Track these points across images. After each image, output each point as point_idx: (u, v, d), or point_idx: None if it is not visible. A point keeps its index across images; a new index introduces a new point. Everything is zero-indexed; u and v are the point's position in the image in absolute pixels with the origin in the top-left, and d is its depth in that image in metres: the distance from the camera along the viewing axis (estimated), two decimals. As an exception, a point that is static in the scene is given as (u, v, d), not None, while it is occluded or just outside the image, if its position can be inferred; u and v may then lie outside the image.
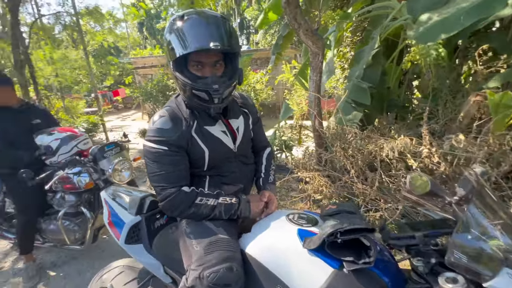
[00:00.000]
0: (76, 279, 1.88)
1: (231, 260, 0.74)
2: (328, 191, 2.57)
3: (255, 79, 6.47)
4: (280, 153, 3.84)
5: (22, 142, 1.80)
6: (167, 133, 0.86)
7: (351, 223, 0.66)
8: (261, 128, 1.23)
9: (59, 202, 1.90)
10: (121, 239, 1.00)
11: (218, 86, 0.83)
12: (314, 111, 2.90)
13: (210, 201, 0.89)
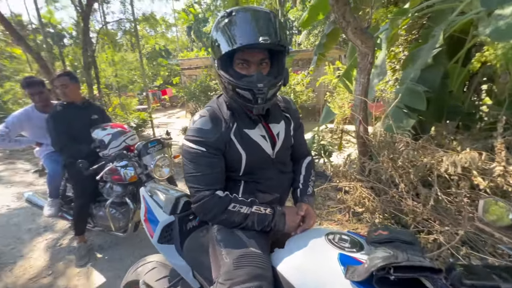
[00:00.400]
0: (117, 264, 2.02)
1: (261, 279, 0.68)
2: (371, 205, 2.34)
3: (295, 81, 6.33)
4: (318, 159, 3.66)
5: (82, 135, 2.00)
6: (206, 134, 0.84)
7: (409, 257, 0.54)
8: (302, 135, 1.14)
9: (108, 191, 2.07)
10: (155, 237, 1.01)
11: (263, 85, 0.79)
12: (359, 116, 2.68)
13: (243, 209, 0.84)
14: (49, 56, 6.20)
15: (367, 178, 2.51)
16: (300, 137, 1.11)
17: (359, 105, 2.69)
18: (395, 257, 0.55)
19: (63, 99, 2.04)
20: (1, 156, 5.43)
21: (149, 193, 1.17)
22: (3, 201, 3.27)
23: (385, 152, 2.34)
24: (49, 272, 2.01)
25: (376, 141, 2.59)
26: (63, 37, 10.26)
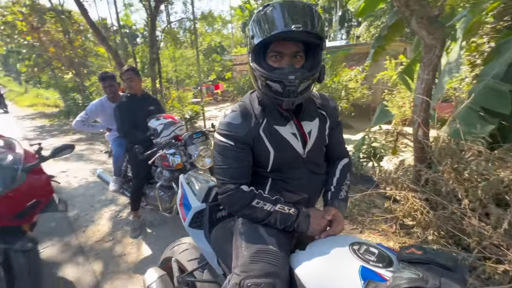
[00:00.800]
0: (162, 241, 2.26)
1: (275, 276, 0.67)
2: (424, 219, 2.07)
3: (348, 77, 5.90)
4: (367, 162, 3.37)
5: (140, 124, 2.27)
6: (235, 128, 0.86)
7: (442, 285, 0.46)
8: (341, 135, 1.07)
9: (158, 175, 2.31)
10: (186, 221, 1.09)
11: (294, 78, 0.76)
12: (419, 118, 2.37)
13: (267, 206, 0.84)
14: (124, 54, 7.17)
15: (422, 189, 2.21)
16: (338, 137, 1.05)
17: (420, 105, 2.38)
18: (424, 281, 0.47)
19: (128, 91, 2.34)
20: (84, 137, 6.58)
21: (186, 180, 1.27)
22: (83, 175, 3.97)
23: (447, 161, 2.02)
24: (110, 238, 2.36)
25: (438, 147, 2.25)
26: (136, 37, 11.73)
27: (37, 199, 1.55)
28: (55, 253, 2.19)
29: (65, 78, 10.60)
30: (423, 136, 2.37)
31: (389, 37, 3.43)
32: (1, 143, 1.77)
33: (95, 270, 1.97)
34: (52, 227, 2.55)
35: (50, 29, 9.03)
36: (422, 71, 2.31)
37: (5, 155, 1.59)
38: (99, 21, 9.31)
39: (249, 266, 0.71)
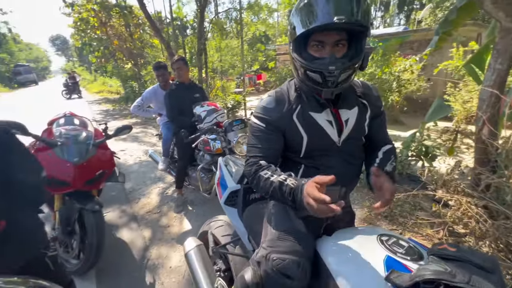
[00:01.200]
0: (201, 218, 2.46)
1: (299, 255, 0.71)
2: (480, 228, 1.85)
3: (402, 67, 5.34)
4: (416, 161, 3.09)
5: (186, 110, 2.46)
6: (268, 112, 0.89)
7: (474, 282, 0.44)
8: (384, 125, 1.02)
9: (200, 158, 2.50)
10: (222, 199, 1.19)
11: (334, 68, 0.75)
12: (485, 114, 2.07)
13: (273, 177, 0.80)
14: (175, 45, 7.68)
15: (482, 195, 1.96)
16: (381, 127, 1.00)
17: (487, 99, 2.08)
18: (452, 276, 0.45)
19: (177, 79, 2.54)
20: (139, 121, 7.35)
21: (224, 163, 1.36)
22: (138, 154, 4.49)
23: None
24: (158, 211, 2.67)
25: (506, 148, 1.96)
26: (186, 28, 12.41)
27: (103, 169, 1.84)
28: (114, 217, 2.57)
29: (125, 68, 11.87)
30: (489, 135, 2.08)
31: (457, 21, 2.98)
32: (77, 122, 2.12)
33: (145, 236, 2.27)
34: (112, 196, 2.98)
35: (115, 23, 10.13)
36: (495, 60, 2.00)
37: (80, 131, 1.91)
38: (155, 15, 10.08)
39: (276, 242, 0.76)
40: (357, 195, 2.86)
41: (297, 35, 0.77)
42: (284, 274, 0.69)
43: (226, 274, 1.23)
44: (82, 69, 31.97)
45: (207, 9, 7.63)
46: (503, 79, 1.99)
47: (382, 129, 1.01)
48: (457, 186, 2.16)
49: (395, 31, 9.05)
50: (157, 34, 6.36)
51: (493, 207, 1.84)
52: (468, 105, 5.11)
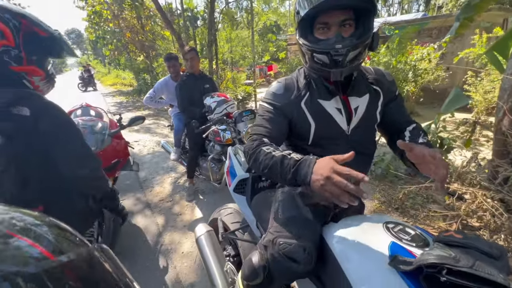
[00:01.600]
0: (211, 206, 2.53)
1: (305, 240, 0.72)
2: (495, 221, 1.80)
3: (419, 55, 5.11)
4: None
5: (197, 100, 2.49)
6: (277, 98, 0.90)
7: (475, 265, 0.44)
8: (403, 107, 0.98)
9: (210, 148, 2.54)
10: (231, 187, 1.22)
11: (341, 46, 0.74)
12: (506, 104, 1.99)
13: (275, 152, 0.75)
14: (186, 37, 7.69)
15: (499, 188, 1.90)
16: (399, 109, 0.96)
17: (509, 88, 1.98)
18: (456, 260, 0.46)
19: (189, 70, 2.56)
20: (152, 113, 7.50)
21: (233, 152, 1.39)
22: (151, 145, 4.61)
23: (539, 157, 1.69)
24: (170, 199, 2.76)
25: (527, 140, 1.88)
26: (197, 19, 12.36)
27: (118, 158, 1.92)
28: (129, 204, 2.68)
29: (138, 60, 12.04)
30: (509, 126, 1.99)
31: (481, 5, 2.80)
32: (93, 113, 2.20)
33: (158, 223, 2.36)
34: (127, 185, 3.10)
35: (127, 16, 10.24)
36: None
37: (96, 122, 1.99)
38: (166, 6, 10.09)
39: (283, 227, 0.78)
40: (367, 187, 2.83)
41: (302, 17, 0.76)
42: (290, 257, 0.71)
43: (235, 259, 1.27)
44: (97, 62, 32.70)
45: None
46: (528, 66, 1.88)
47: (402, 111, 0.97)
48: (472, 178, 2.10)
49: (413, 18, 8.63)
50: (168, 26, 6.38)
51: (511, 200, 1.78)
52: (489, 95, 4.86)
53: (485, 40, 4.96)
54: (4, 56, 0.88)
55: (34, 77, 0.98)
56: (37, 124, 0.93)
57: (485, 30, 5.42)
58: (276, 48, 11.08)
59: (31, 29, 0.94)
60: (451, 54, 6.69)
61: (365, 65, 0.99)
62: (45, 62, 1.05)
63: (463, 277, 0.44)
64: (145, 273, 1.80)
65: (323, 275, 0.72)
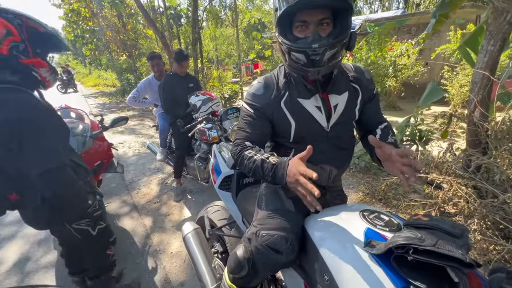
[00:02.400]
0: (199, 205, 2.52)
1: (287, 231, 0.75)
2: (469, 207, 1.91)
3: (399, 51, 5.29)
4: (410, 146, 3.13)
5: (181, 100, 2.47)
6: (257, 99, 0.91)
7: (438, 243, 0.48)
8: (378, 107, 1.03)
9: (197, 147, 2.53)
10: (217, 184, 1.23)
11: (318, 46, 0.75)
12: (476, 97, 2.10)
13: (256, 156, 0.83)
14: (169, 35, 7.54)
15: (472, 176, 2.02)
16: (375, 109, 1.01)
17: (479, 81, 2.09)
18: (421, 240, 0.50)
19: (178, 72, 2.50)
20: (136, 114, 7.33)
21: (218, 149, 1.40)
22: (136, 146, 4.51)
23: (506, 146, 1.81)
24: (158, 200, 2.72)
25: (496, 130, 2.00)
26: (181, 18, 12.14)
27: (101, 160, 1.88)
28: (116, 208, 2.63)
29: (120, 60, 11.69)
30: (480, 118, 2.11)
31: (455, 2, 2.94)
32: (74, 115, 2.13)
33: (146, 224, 2.33)
34: (113, 187, 3.03)
35: (107, 14, 9.90)
36: (487, 42, 2.01)
37: (77, 124, 1.93)
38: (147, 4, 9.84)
39: (266, 220, 0.81)
40: (352, 180, 2.92)
41: (280, 14, 0.77)
42: (272, 248, 0.73)
43: (224, 256, 1.29)
44: (76, 63, 31.45)
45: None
46: (495, 60, 2.00)
47: (376, 111, 1.02)
48: (448, 168, 2.21)
49: (393, 15, 8.89)
50: (150, 24, 6.24)
51: (483, 187, 1.89)
52: (464, 89, 5.10)
53: (459, 36, 5.20)
54: (14, 50, 1.00)
55: (41, 69, 1.09)
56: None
57: (459, 26, 5.68)
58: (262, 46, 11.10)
59: (31, 26, 1.05)
60: (429, 50, 6.95)
61: (345, 62, 1.02)
62: (46, 55, 1.15)
63: (428, 255, 0.48)
64: (134, 275, 1.78)
65: (305, 263, 0.75)
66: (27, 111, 0.98)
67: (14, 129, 0.94)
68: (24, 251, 2.08)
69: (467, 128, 2.26)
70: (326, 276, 0.63)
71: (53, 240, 2.17)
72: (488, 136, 2.00)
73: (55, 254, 2.03)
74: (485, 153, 2.06)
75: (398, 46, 5.65)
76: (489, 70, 2.00)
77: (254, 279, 0.83)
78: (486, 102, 2.07)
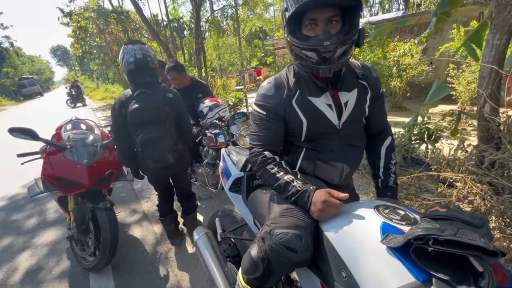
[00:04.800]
0: (209, 212, 2.52)
1: (302, 230, 0.74)
2: (485, 204, 1.85)
3: (402, 51, 5.27)
4: (419, 144, 3.08)
5: (190, 111, 2.49)
6: (268, 99, 0.92)
7: (461, 234, 0.47)
8: (382, 106, 1.03)
9: (205, 154, 2.54)
10: (227, 186, 1.23)
11: (329, 43, 0.75)
12: (485, 91, 2.07)
13: (279, 174, 0.88)
14: (173, 47, 7.73)
15: (486, 172, 1.97)
16: (380, 109, 1.02)
17: (487, 76, 2.07)
18: (441, 231, 0.48)
19: (176, 86, 2.53)
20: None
21: (227, 152, 1.41)
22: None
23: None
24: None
25: (508, 124, 1.96)
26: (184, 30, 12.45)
27: (111, 169, 1.91)
28: (126, 216, 2.65)
29: (127, 73, 11.98)
30: (490, 112, 2.07)
31: (455, 0, 2.94)
32: (84, 127, 2.19)
33: (156, 232, 2.34)
34: (123, 197, 3.06)
35: (113, 29, 10.24)
36: (492, 36, 1.99)
37: (88, 135, 1.98)
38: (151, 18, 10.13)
39: (279, 219, 0.80)
40: (361, 181, 2.88)
41: (290, 14, 0.78)
42: (287, 247, 0.72)
43: (236, 260, 1.28)
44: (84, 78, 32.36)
45: (202, 8, 7.64)
46: (502, 54, 1.97)
47: (381, 111, 1.03)
48: (461, 165, 2.16)
49: (394, 16, 8.92)
50: (155, 37, 6.42)
51: (498, 183, 1.84)
52: (472, 86, 5.03)
53: (462, 34, 5.16)
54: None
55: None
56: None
57: (462, 24, 5.64)
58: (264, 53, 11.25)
59: None
60: (433, 49, 6.91)
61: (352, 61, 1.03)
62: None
63: (448, 245, 0.47)
64: (145, 283, 1.78)
65: (320, 262, 0.74)
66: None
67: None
68: (38, 261, 2.11)
69: (477, 123, 2.21)
70: (343, 273, 0.62)
71: (66, 250, 2.19)
72: (501, 131, 1.95)
73: (68, 264, 2.04)
74: (498, 148, 2.01)
75: (401, 46, 5.64)
76: (496, 64, 1.97)
77: (269, 280, 0.82)
78: (496, 96, 2.03)
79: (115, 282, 1.82)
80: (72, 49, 13.60)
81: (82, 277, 1.89)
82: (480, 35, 2.64)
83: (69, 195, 1.83)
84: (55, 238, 2.42)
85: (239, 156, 1.31)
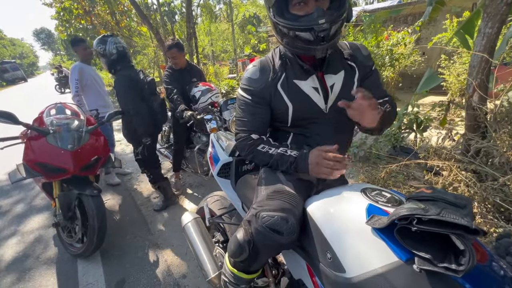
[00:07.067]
0: (199, 198, 2.51)
1: (288, 213, 0.74)
2: (469, 190, 1.91)
3: (395, 40, 5.25)
4: (408, 133, 3.12)
5: (184, 93, 2.41)
6: (253, 83, 0.89)
7: (442, 213, 0.47)
8: (378, 81, 0.97)
9: (196, 140, 2.51)
10: (215, 171, 1.22)
11: (324, 21, 0.72)
12: (474, 80, 2.08)
13: (271, 150, 0.88)
14: (164, 32, 7.45)
15: (471, 160, 2.01)
16: (375, 84, 0.95)
17: (477, 65, 2.08)
18: (425, 211, 0.48)
19: (174, 67, 2.43)
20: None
21: (216, 138, 1.38)
22: (134, 143, 4.48)
23: (506, 129, 1.80)
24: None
25: (495, 113, 1.99)
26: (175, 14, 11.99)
27: (98, 155, 1.85)
28: (115, 204, 2.61)
29: (115, 58, 11.53)
30: (478, 101, 2.09)
31: (450, -11, 2.90)
32: (69, 112, 2.10)
33: (146, 219, 2.32)
34: (112, 184, 3.01)
35: (100, 11, 9.76)
36: (485, 24, 1.99)
37: (72, 120, 1.90)
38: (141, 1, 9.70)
39: (265, 202, 0.79)
40: (351, 169, 2.91)
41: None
42: (273, 229, 0.72)
43: (224, 245, 1.28)
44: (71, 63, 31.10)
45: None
46: (493, 43, 1.98)
47: (377, 86, 0.95)
48: (448, 153, 2.21)
49: (389, 5, 8.82)
50: (144, 21, 6.15)
51: (482, 170, 1.89)
52: (462, 77, 5.09)
53: (455, 24, 5.17)
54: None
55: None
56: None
57: (456, 15, 5.63)
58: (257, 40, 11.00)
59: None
60: (426, 39, 6.90)
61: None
62: None
63: (431, 224, 0.47)
64: (135, 269, 1.78)
65: (306, 244, 0.74)
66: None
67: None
68: (24, 248, 2.07)
69: (465, 113, 2.25)
70: (328, 254, 0.62)
71: (53, 237, 2.16)
72: (487, 120, 1.99)
73: (55, 250, 2.02)
74: (484, 137, 2.05)
75: (394, 36, 5.61)
76: (487, 53, 1.98)
77: (255, 262, 0.82)
78: (485, 86, 2.05)
79: (104, 268, 1.81)
80: (56, 32, 12.95)
81: (70, 263, 1.87)
82: (472, 24, 2.64)
83: (54, 181, 1.78)
84: (42, 224, 2.38)
85: (228, 141, 1.29)
